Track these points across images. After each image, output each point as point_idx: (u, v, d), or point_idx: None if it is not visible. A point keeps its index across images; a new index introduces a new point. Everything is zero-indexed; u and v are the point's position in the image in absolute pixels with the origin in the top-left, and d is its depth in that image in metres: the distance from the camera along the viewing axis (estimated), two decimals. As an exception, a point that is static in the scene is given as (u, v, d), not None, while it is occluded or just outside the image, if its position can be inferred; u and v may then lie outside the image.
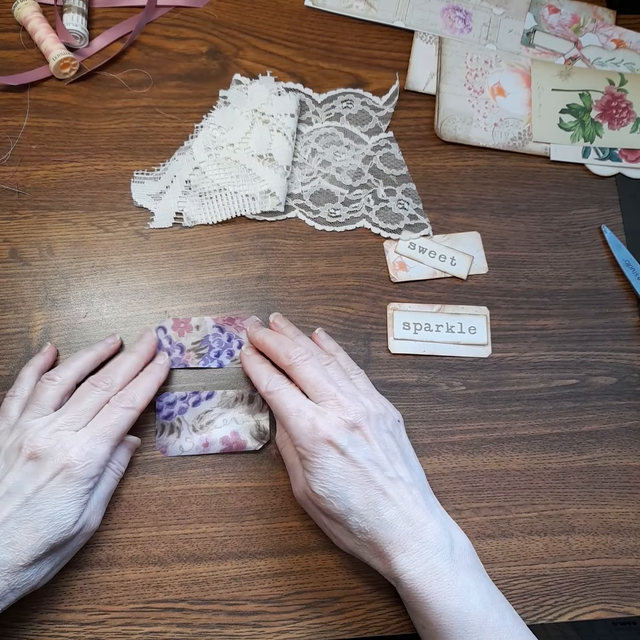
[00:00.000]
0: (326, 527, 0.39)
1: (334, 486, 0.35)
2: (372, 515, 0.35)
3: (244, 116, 0.50)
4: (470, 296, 0.49)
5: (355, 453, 0.36)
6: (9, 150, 0.49)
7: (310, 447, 0.36)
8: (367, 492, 0.35)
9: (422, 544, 0.35)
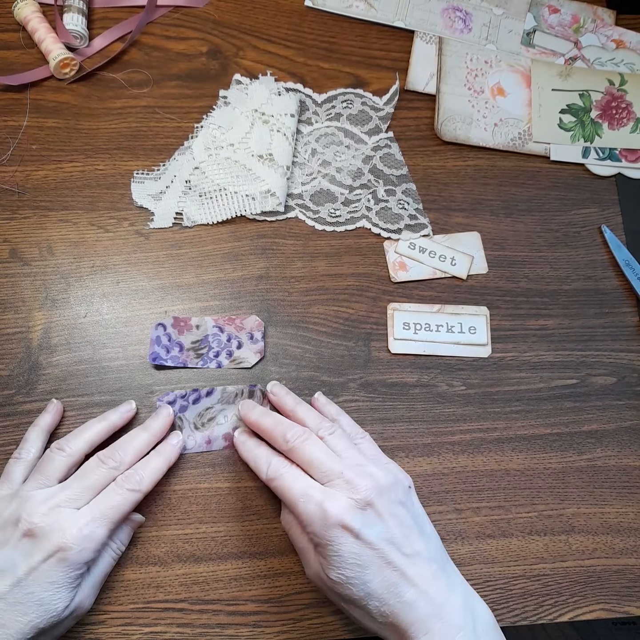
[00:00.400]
0: (344, 610, 0.36)
1: (351, 572, 0.34)
2: (392, 598, 0.33)
3: (244, 116, 0.50)
4: (470, 296, 0.49)
5: (370, 534, 0.34)
6: (9, 150, 0.49)
7: (322, 534, 0.34)
8: (385, 574, 0.34)
9: (444, 624, 0.33)
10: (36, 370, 0.44)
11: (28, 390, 0.44)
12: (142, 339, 0.46)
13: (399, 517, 0.36)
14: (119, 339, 0.45)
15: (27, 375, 0.44)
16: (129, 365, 0.45)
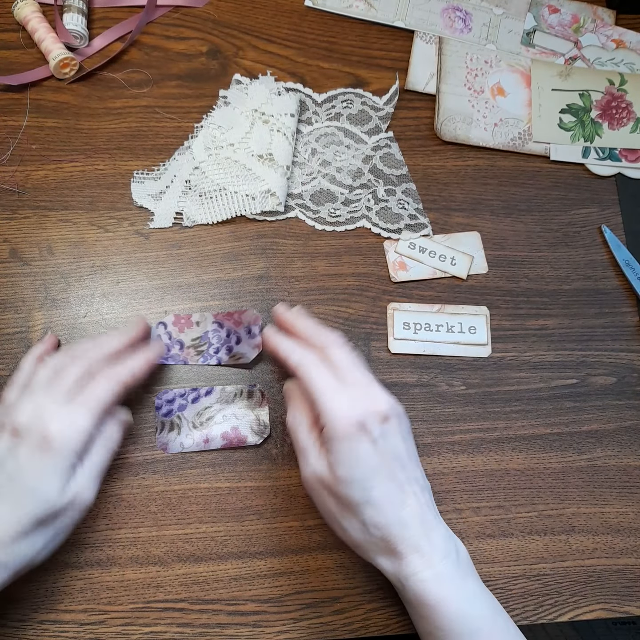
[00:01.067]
0: (333, 517, 0.37)
1: (361, 473, 0.35)
2: (390, 510, 0.35)
3: (244, 116, 0.50)
4: (470, 296, 0.49)
5: (385, 446, 0.35)
6: (9, 150, 0.49)
7: (342, 428, 0.35)
8: (389, 487, 0.35)
9: (432, 547, 0.35)
10: (36, 370, 0.44)
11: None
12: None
13: (406, 442, 0.37)
14: (119, 338, 0.45)
15: (27, 375, 0.44)
16: (129, 365, 0.45)
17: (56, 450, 0.35)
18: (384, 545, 0.35)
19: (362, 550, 0.37)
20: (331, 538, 0.43)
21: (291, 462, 0.44)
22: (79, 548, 0.41)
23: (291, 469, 0.44)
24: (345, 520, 0.36)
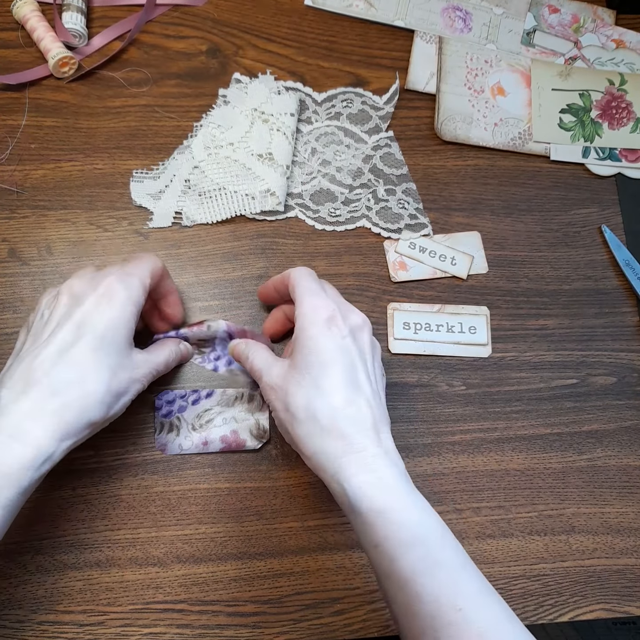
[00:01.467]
0: (284, 416, 0.36)
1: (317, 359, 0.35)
2: (338, 400, 0.34)
3: (244, 115, 0.50)
4: (471, 296, 0.49)
5: (351, 345, 0.36)
6: (8, 149, 0.48)
7: (311, 317, 0.36)
8: (344, 379, 0.35)
9: (382, 452, 0.34)
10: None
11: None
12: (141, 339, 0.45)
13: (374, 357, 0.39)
14: (118, 338, 0.45)
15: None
16: (128, 365, 0.45)
17: (120, 300, 0.36)
18: (328, 439, 0.34)
19: (307, 446, 0.35)
20: (331, 539, 0.43)
21: (291, 463, 0.44)
22: (78, 549, 0.41)
23: (291, 470, 0.44)
24: (291, 412, 0.35)
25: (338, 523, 0.43)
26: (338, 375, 0.35)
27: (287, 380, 0.36)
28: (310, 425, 0.34)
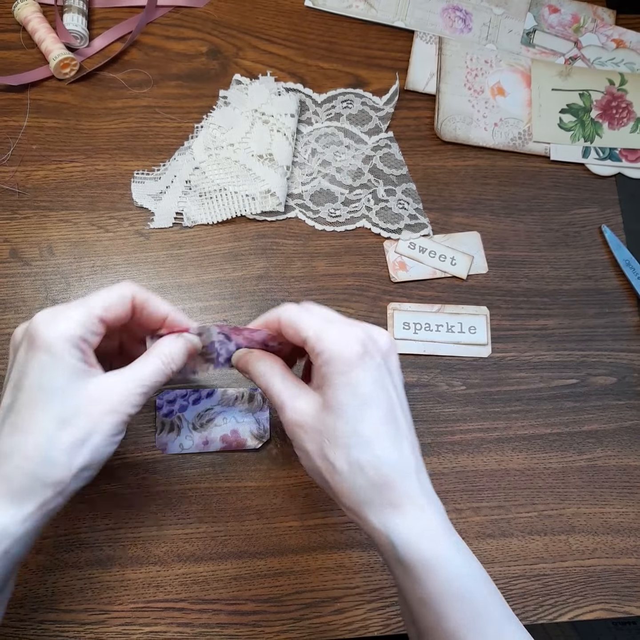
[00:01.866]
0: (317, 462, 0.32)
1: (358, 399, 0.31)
2: (385, 448, 0.31)
3: (244, 116, 0.50)
4: (470, 296, 0.49)
5: (388, 376, 0.32)
6: (9, 150, 0.49)
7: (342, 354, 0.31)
8: (386, 421, 0.31)
9: (427, 499, 0.31)
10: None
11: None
12: (142, 339, 0.46)
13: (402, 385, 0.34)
14: (119, 338, 0.45)
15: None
16: (129, 365, 0.45)
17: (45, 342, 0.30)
18: (370, 487, 0.31)
19: (346, 498, 0.31)
20: (331, 538, 0.43)
21: (291, 462, 0.44)
22: (79, 548, 0.41)
23: (291, 469, 0.44)
24: (330, 461, 0.31)
25: (338, 522, 0.43)
26: (378, 417, 0.31)
27: (320, 421, 0.31)
28: (354, 479, 0.31)
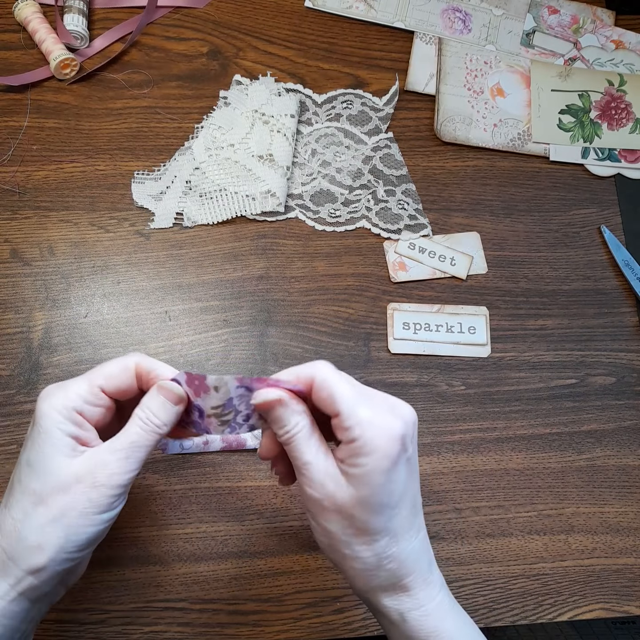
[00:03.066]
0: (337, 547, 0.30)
1: (393, 498, 0.29)
2: (407, 541, 0.30)
3: (244, 117, 0.50)
4: (470, 296, 0.49)
5: (414, 464, 0.30)
6: (10, 150, 0.49)
7: (386, 443, 0.28)
8: (410, 513, 0.30)
9: (435, 578, 0.31)
10: (37, 370, 0.44)
11: (28, 390, 0.44)
12: (142, 339, 0.46)
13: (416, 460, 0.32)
14: (120, 339, 0.46)
15: (28, 375, 0.44)
16: (129, 365, 0.45)
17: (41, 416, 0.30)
18: (390, 578, 0.30)
19: (361, 583, 0.31)
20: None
21: (291, 462, 0.44)
22: (79, 547, 0.41)
23: (291, 469, 0.44)
24: (354, 550, 0.30)
25: (338, 522, 0.43)
26: (407, 512, 0.30)
27: (351, 510, 0.29)
28: (379, 571, 0.30)
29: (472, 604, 0.42)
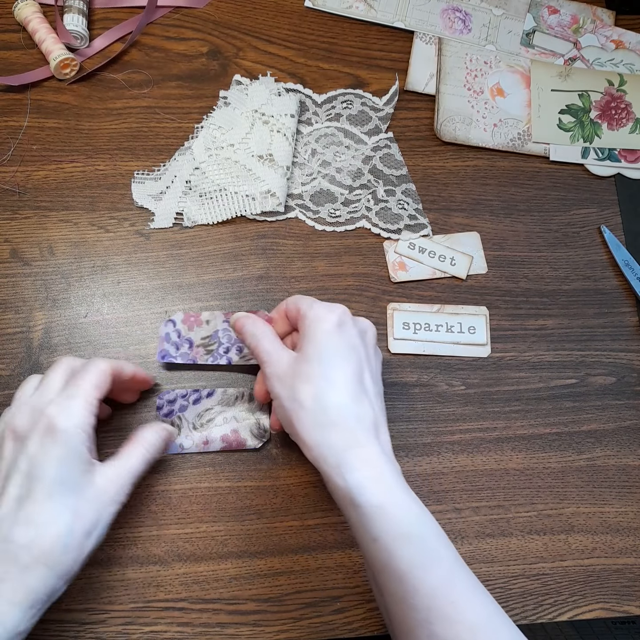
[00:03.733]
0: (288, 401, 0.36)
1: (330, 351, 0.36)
2: (346, 395, 0.35)
3: (244, 117, 0.50)
4: (470, 296, 0.49)
5: (360, 346, 0.37)
6: (10, 150, 0.49)
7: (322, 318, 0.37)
8: (352, 376, 0.36)
9: (381, 450, 0.34)
10: (37, 370, 0.44)
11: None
12: (142, 339, 0.46)
13: (378, 359, 0.40)
14: (120, 338, 0.46)
15: (28, 375, 0.44)
16: (129, 365, 0.45)
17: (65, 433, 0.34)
18: (333, 432, 0.34)
19: (310, 440, 0.35)
20: (331, 537, 0.43)
21: (291, 462, 0.44)
22: (79, 547, 0.41)
23: (291, 469, 0.44)
24: (298, 400, 0.35)
25: (338, 522, 0.43)
26: (348, 372, 0.36)
27: (295, 371, 0.36)
28: (317, 415, 0.35)
29: (472, 604, 0.42)
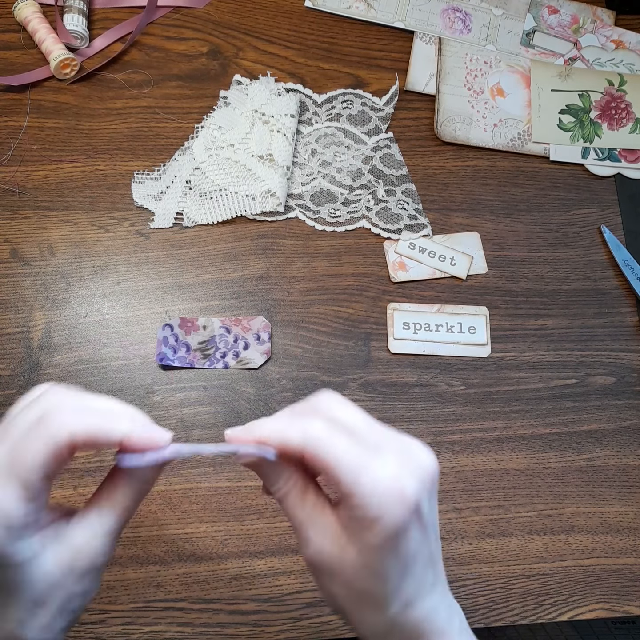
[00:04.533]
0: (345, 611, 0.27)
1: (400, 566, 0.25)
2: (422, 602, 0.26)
3: (244, 117, 0.50)
4: (470, 296, 0.49)
5: (429, 521, 0.26)
6: (10, 150, 0.49)
7: (394, 513, 0.24)
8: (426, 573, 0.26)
9: (454, 628, 0.28)
10: (37, 370, 0.44)
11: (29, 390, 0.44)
12: (142, 339, 0.46)
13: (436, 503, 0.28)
14: (120, 338, 0.46)
15: (28, 375, 0.44)
16: (129, 365, 0.45)
17: None
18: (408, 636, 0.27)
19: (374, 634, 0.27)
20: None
21: (291, 462, 0.44)
22: (79, 547, 0.41)
23: (291, 469, 0.44)
24: (361, 615, 0.26)
25: (338, 522, 0.43)
26: (420, 570, 0.26)
27: (354, 575, 0.25)
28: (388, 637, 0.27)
29: (472, 604, 0.42)
